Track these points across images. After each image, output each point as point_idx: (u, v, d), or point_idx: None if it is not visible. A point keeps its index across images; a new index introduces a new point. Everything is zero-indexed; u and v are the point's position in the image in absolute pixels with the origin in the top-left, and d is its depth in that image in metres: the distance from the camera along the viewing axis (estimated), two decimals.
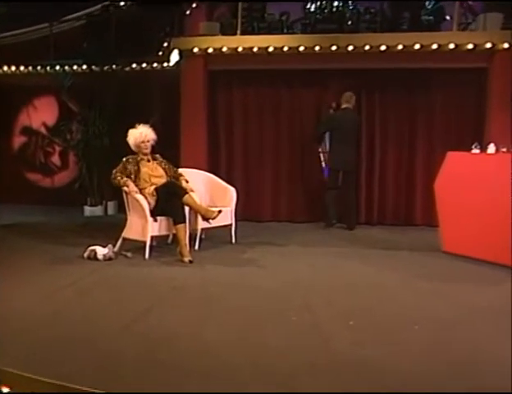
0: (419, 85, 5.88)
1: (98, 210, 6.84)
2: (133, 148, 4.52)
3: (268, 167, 6.17)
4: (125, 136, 4.60)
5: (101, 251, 4.17)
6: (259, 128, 6.15)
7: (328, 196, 5.66)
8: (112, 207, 6.84)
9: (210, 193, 5.07)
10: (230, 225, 4.82)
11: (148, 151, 4.54)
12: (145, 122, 4.59)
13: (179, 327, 2.81)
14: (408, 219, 5.98)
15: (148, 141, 4.48)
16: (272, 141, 6.17)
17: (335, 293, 3.38)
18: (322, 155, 6.05)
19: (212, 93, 6.14)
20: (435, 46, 5.47)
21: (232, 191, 4.97)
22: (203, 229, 4.61)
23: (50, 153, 7.60)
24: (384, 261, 4.27)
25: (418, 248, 4.76)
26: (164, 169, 4.61)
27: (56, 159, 7.62)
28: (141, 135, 4.45)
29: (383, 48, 5.57)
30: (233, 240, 4.84)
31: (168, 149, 5.02)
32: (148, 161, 4.57)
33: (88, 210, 6.80)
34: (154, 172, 4.52)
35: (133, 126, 4.58)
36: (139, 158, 4.53)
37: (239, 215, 5.14)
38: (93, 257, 4.17)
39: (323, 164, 6.02)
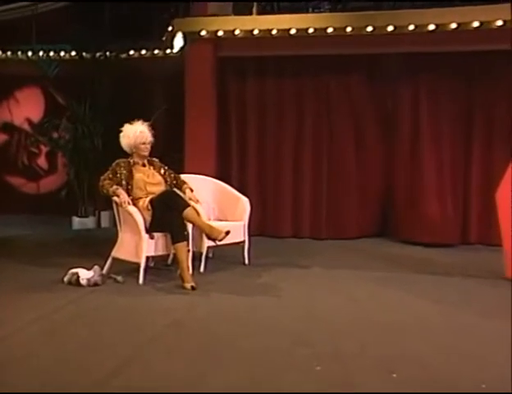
0: (478, 73, 5.68)
1: (89, 222, 6.78)
2: (127, 149, 4.37)
3: (289, 173, 6.14)
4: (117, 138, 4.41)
5: (85, 275, 4.02)
6: (279, 126, 6.13)
7: None
8: (106, 218, 6.71)
9: (219, 204, 4.99)
10: (243, 242, 4.72)
11: (147, 154, 4.40)
12: (146, 120, 4.46)
13: (172, 381, 2.52)
14: (460, 236, 5.80)
15: (149, 143, 4.36)
16: (294, 142, 6.16)
17: (372, 334, 3.13)
18: None
19: (223, 85, 6.12)
20: (499, 22, 5.24)
21: (245, 202, 4.87)
22: (209, 247, 4.51)
23: (35, 155, 7.53)
24: (432, 290, 4.08)
25: (474, 273, 4.58)
26: (163, 176, 4.47)
27: (42, 161, 7.54)
28: (142, 134, 4.31)
29: (431, 27, 5.39)
30: (246, 261, 4.73)
31: (172, 152, 5.09)
32: (144, 165, 4.43)
33: (77, 222, 6.77)
34: (150, 179, 4.37)
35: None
36: (132, 162, 4.37)
37: (253, 230, 5.14)
38: (75, 282, 4.02)
39: None
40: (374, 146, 5.99)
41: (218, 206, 4.98)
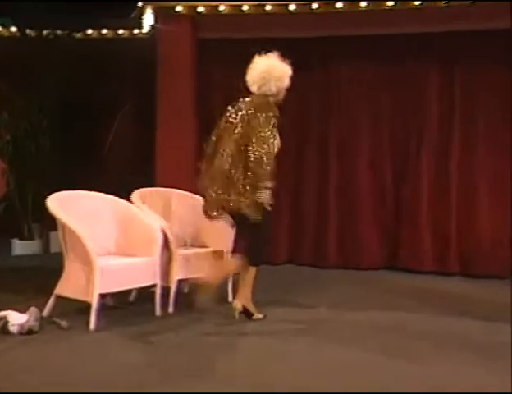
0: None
1: (34, 246, 6.75)
2: (273, 93, 4.24)
3: (285, 184, 6.06)
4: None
5: (16, 319, 3.91)
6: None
7: None
8: (57, 241, 6.50)
9: (198, 225, 4.93)
10: None
11: None
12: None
13: None
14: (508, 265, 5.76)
15: None
16: (294, 145, 6.14)
17: None
18: None
19: (204, 75, 6.12)
20: None
21: None
22: (182, 280, 4.57)
23: None
24: (481, 342, 3.89)
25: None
26: None
27: None
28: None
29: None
30: (229, 297, 4.72)
31: (143, 158, 5.04)
32: None
33: (18, 245, 6.74)
34: None
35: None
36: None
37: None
38: (2, 329, 3.89)
39: None
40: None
41: (196, 227, 4.98)
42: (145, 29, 6.12)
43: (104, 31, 6.66)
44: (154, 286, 4.34)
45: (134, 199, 4.71)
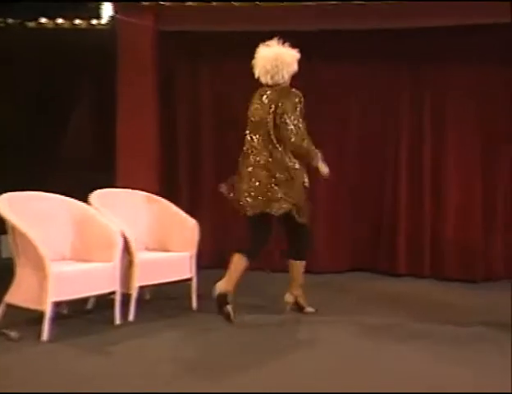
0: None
1: None
2: (285, 80, 4.41)
3: None
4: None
5: None
6: (244, 127, 5.90)
7: None
8: (8, 245, 6.31)
9: (160, 228, 4.96)
10: (190, 280, 4.70)
11: None
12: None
13: None
14: (481, 269, 5.85)
15: None
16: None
17: None
18: None
19: (169, 70, 6.05)
20: None
21: (193, 226, 4.81)
22: (143, 287, 4.54)
23: None
24: (455, 350, 3.93)
25: (499, 320, 4.49)
26: None
27: None
28: None
29: None
30: (194, 305, 4.69)
31: (103, 155, 4.98)
32: None
33: None
34: None
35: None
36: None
37: (208, 261, 5.40)
38: None
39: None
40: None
41: (158, 231, 4.95)
42: (104, 20, 5.98)
43: (59, 21, 6.42)
44: (114, 293, 4.26)
45: (93, 200, 4.62)
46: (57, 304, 4.06)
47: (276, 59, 4.35)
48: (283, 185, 4.30)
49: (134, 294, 4.37)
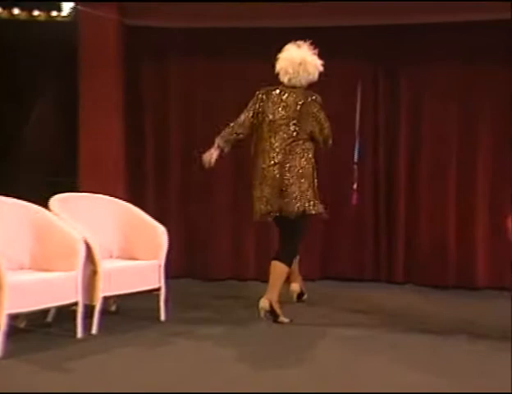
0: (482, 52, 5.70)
1: None
2: (303, 86, 4.69)
3: (228, 193, 6.13)
4: None
5: None
6: (216, 129, 5.85)
7: None
8: None
9: (125, 235, 4.95)
10: (158, 290, 4.66)
11: None
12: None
13: None
14: (460, 276, 5.88)
15: None
16: (235, 150, 5.88)
17: None
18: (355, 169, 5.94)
19: (135, 69, 5.99)
20: None
21: (162, 233, 4.77)
22: (108, 298, 4.49)
23: None
24: (432, 358, 3.99)
25: (486, 331, 4.54)
26: None
27: None
28: None
29: None
30: (162, 316, 4.65)
31: (65, 156, 5.05)
32: None
33: None
34: None
35: None
36: None
37: (177, 270, 5.43)
38: None
39: (355, 185, 5.93)
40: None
41: (124, 238, 4.93)
42: (65, 12, 5.89)
43: (16, 11, 6.27)
44: (75, 304, 4.20)
45: (53, 205, 4.56)
46: (14, 317, 3.99)
47: (300, 64, 4.62)
48: (299, 186, 4.60)
49: (97, 305, 4.32)
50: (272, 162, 4.59)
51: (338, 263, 6.06)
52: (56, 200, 4.58)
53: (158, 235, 4.71)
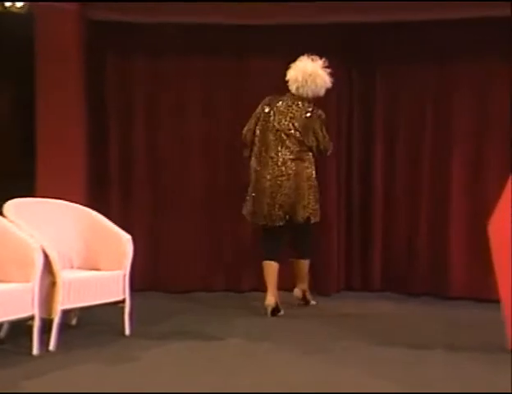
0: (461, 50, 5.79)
1: None
2: (308, 97, 5.10)
3: (198, 199, 6.08)
4: None
5: None
6: (185, 132, 6.07)
7: None
8: None
9: (87, 244, 4.94)
10: (123, 302, 4.62)
11: None
12: None
13: None
14: (435, 285, 5.92)
15: None
16: (205, 153, 6.07)
17: None
18: None
19: (98, 66, 5.92)
20: None
21: (126, 241, 4.74)
22: (67, 311, 4.44)
23: None
24: (408, 372, 3.99)
25: (462, 343, 4.59)
26: None
27: None
28: None
29: None
30: (127, 330, 4.61)
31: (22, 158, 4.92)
32: None
33: None
34: None
35: None
36: None
37: (141, 282, 5.40)
38: None
39: None
40: None
41: (86, 247, 4.92)
42: (20, 3, 5.77)
43: None
44: (32, 318, 4.13)
45: (8, 211, 4.52)
46: None
47: (310, 75, 4.99)
48: (307, 194, 5.10)
49: (56, 319, 4.25)
50: (285, 170, 5.02)
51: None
52: (11, 205, 4.54)
53: (123, 243, 4.67)
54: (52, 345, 4.19)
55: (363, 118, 6.09)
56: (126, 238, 4.68)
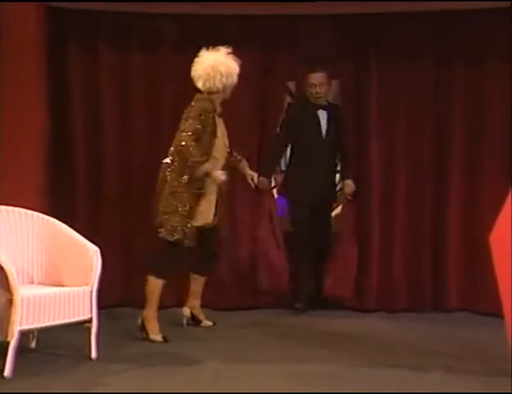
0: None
1: None
2: (219, 89, 5.05)
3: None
4: None
5: None
6: (153, 128, 6.11)
7: (297, 250, 6.08)
8: None
9: (51, 256, 4.94)
10: (89, 321, 4.61)
11: None
12: None
13: None
14: (433, 300, 6.07)
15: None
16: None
17: None
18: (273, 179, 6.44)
19: (60, 58, 5.95)
20: None
21: (94, 254, 4.73)
22: (26, 332, 4.38)
23: None
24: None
25: (462, 362, 4.61)
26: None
27: None
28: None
29: None
30: (93, 354, 4.58)
31: None
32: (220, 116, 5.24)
33: None
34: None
35: None
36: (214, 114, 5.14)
37: (111, 298, 5.51)
38: None
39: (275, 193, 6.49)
40: None
41: (48, 260, 4.92)
42: None
43: None
44: None
45: None
46: None
47: (210, 66, 4.99)
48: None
49: (12, 341, 4.17)
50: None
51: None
52: None
53: (90, 256, 4.65)
54: (7, 371, 4.11)
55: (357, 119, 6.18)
56: (93, 250, 4.64)
